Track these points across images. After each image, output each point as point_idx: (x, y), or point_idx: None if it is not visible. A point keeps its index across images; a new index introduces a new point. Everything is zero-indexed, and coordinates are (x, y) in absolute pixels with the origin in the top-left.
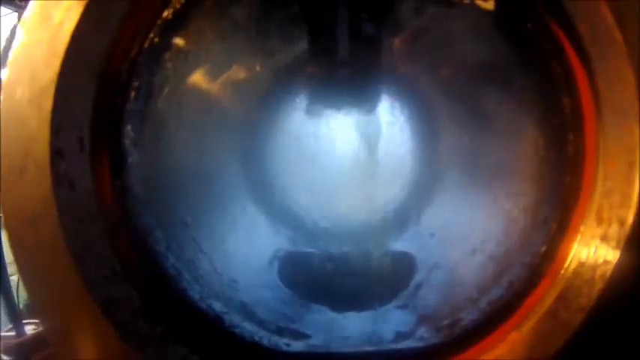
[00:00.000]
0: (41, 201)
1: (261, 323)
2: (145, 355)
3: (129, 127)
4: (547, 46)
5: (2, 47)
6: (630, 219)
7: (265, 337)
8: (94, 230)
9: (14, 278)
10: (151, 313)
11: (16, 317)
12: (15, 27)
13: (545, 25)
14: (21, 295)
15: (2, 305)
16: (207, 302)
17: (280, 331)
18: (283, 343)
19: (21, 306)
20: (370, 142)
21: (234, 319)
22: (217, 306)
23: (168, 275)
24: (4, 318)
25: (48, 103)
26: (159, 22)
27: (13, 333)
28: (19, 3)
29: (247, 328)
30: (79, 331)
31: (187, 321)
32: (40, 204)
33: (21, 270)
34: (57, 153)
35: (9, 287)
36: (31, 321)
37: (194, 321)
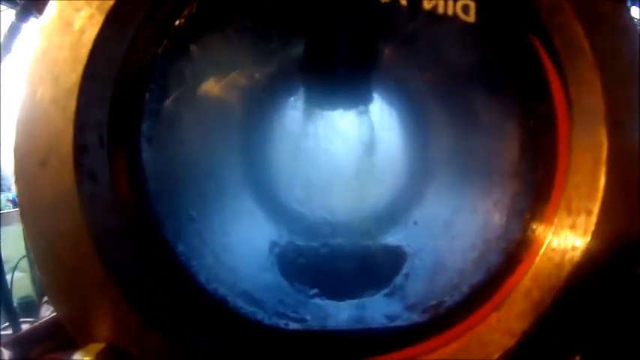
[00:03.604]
0: (64, 192)
1: (261, 307)
2: (163, 332)
3: (144, 126)
4: (526, 55)
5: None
6: (596, 210)
7: (266, 318)
8: (114, 219)
9: (8, 277)
10: (167, 294)
11: (12, 315)
12: (13, 24)
13: (523, 37)
14: (15, 294)
15: None
16: (213, 286)
17: (279, 315)
18: (282, 323)
19: (15, 304)
20: (364, 140)
21: (237, 302)
22: (222, 290)
23: (179, 261)
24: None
25: (72, 104)
26: (172, 30)
27: (9, 331)
28: (17, 0)
29: (250, 309)
30: (98, 315)
31: (198, 302)
32: (62, 195)
33: (39, 258)
34: (81, 149)
35: (6, 285)
36: (27, 320)
37: (203, 302)
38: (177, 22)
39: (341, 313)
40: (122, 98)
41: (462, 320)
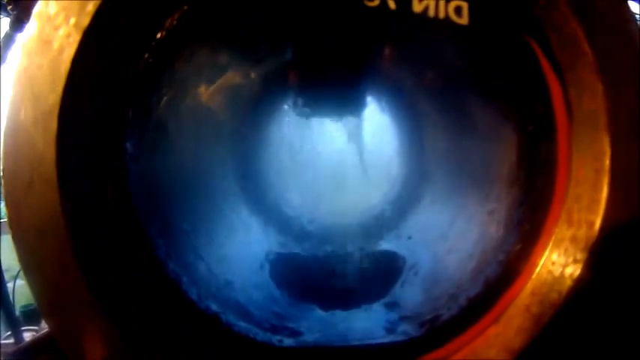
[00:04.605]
0: (49, 214)
1: (254, 321)
2: (153, 353)
3: (128, 143)
4: (522, 58)
5: None
6: (598, 222)
7: (259, 334)
8: (100, 240)
9: (10, 285)
10: (155, 315)
11: (14, 324)
12: (7, 34)
13: (520, 38)
14: (17, 302)
15: None
16: (205, 303)
17: (273, 329)
18: (276, 339)
19: (17, 313)
20: (357, 146)
21: (229, 318)
22: (214, 306)
23: (169, 280)
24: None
25: (53, 125)
26: (153, 43)
27: (11, 340)
28: (10, 9)
29: (242, 325)
30: (87, 335)
31: (188, 320)
32: (48, 217)
33: (30, 280)
34: (64, 170)
35: (7, 294)
36: (29, 327)
37: (194, 320)
38: (158, 35)
39: (336, 326)
40: (105, 116)
41: (459, 334)
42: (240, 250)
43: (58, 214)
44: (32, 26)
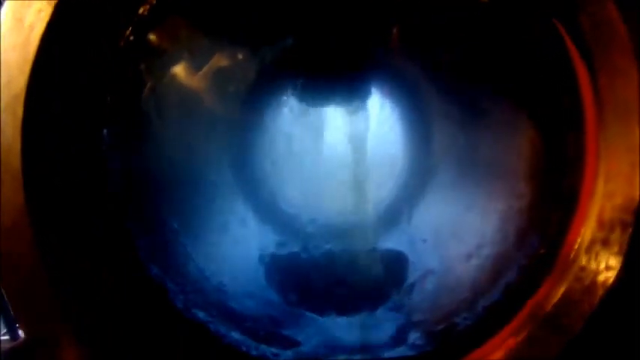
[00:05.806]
0: (17, 211)
1: (248, 331)
2: None
3: (107, 132)
4: (546, 41)
5: None
6: (634, 223)
7: (253, 347)
8: (71, 242)
9: None
10: (134, 327)
11: (10, 322)
12: None
13: (544, 19)
14: None
15: None
16: (192, 312)
17: (269, 338)
18: (271, 353)
19: None
20: (361, 140)
21: (219, 328)
22: (202, 315)
23: (151, 286)
24: None
25: (20, 111)
26: (135, 18)
27: (7, 337)
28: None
29: (234, 337)
30: (57, 343)
31: (172, 332)
32: (17, 214)
33: (2, 280)
34: (30, 162)
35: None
36: None
37: (179, 333)
38: (140, 10)
39: (337, 334)
40: (79, 101)
41: (476, 347)
42: (236, 249)
43: (24, 212)
44: (6, 4)
